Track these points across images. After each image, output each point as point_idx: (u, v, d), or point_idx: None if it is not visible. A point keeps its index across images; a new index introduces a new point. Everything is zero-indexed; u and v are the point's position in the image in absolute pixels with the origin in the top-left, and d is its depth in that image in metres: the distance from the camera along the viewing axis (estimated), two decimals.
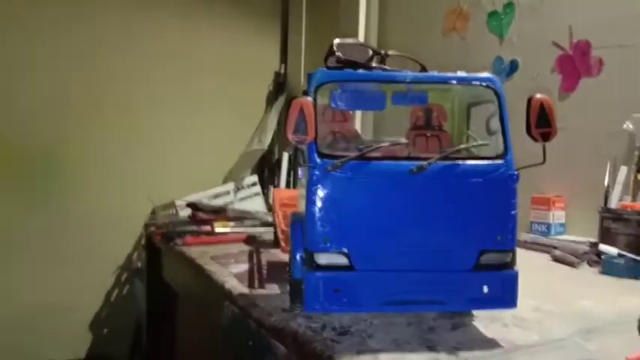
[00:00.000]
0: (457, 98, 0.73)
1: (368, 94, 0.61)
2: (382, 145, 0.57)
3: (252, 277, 0.86)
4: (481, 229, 0.57)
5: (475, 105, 0.71)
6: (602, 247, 0.95)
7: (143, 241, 1.78)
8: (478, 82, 0.61)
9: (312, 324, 0.62)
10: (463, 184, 0.58)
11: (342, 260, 0.56)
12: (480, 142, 0.59)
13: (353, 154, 0.57)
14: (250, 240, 1.19)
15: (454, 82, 0.61)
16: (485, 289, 0.58)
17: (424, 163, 0.56)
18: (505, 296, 0.58)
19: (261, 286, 0.81)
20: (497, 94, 0.61)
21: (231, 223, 1.28)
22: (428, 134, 0.74)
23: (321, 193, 0.56)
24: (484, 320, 0.65)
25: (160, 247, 1.31)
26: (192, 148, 2.04)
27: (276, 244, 1.14)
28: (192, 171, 1.97)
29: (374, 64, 0.63)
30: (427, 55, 0.65)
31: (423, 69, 0.69)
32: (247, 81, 2.18)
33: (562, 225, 1.19)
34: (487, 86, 0.61)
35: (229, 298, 0.80)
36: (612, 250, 0.94)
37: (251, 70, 2.20)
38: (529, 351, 0.57)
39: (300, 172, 0.62)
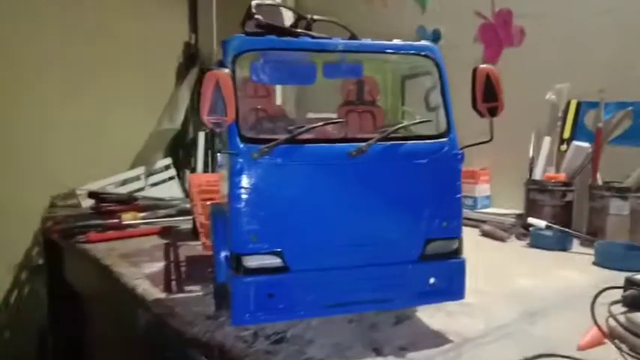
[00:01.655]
0: (390, 70, 0.67)
1: (296, 65, 0.53)
2: (316, 125, 0.49)
3: (168, 278, 0.76)
4: (426, 215, 0.52)
5: (410, 78, 0.65)
6: (531, 219, 0.95)
7: (41, 238, 1.58)
8: (416, 52, 0.55)
9: (242, 333, 0.54)
10: (406, 167, 0.51)
11: (275, 261, 0.48)
12: (422, 119, 0.53)
13: (282, 136, 0.48)
14: (165, 232, 1.07)
15: (390, 51, 0.54)
16: (432, 280, 0.53)
17: (363, 144, 0.49)
18: (452, 287, 0.54)
19: (180, 289, 0.71)
20: (437, 65, 0.55)
21: (143, 214, 1.16)
22: (360, 110, 0.67)
23: (246, 184, 0.47)
24: (428, 310, 0.60)
25: (59, 244, 1.15)
26: (95, 128, 1.83)
27: (195, 235, 1.03)
28: (95, 154, 1.77)
29: (299, 30, 0.54)
30: (347, 24, 0.57)
31: (353, 37, 0.62)
32: (155, 53, 1.98)
33: (488, 198, 1.19)
34: (426, 56, 0.55)
35: (142, 304, 0.69)
36: (540, 223, 0.94)
37: (158, 41, 2.00)
38: (478, 343, 0.53)
39: (219, 159, 0.53)
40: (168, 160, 1.67)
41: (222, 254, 0.53)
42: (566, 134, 1.03)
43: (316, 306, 0.50)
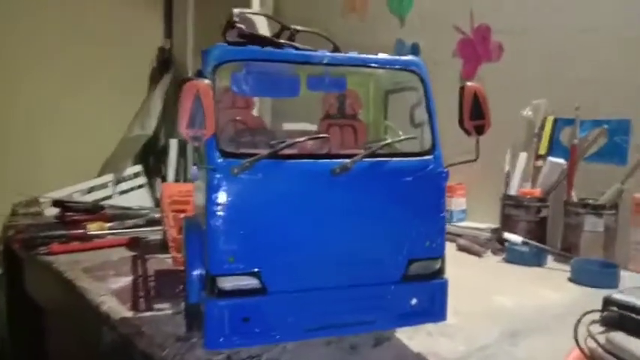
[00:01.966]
0: (373, 84, 0.65)
1: (279, 77, 0.51)
2: (299, 140, 0.47)
3: (136, 295, 0.72)
4: (410, 234, 0.50)
5: (393, 92, 0.63)
6: (507, 235, 0.95)
7: (1, 247, 1.51)
8: (402, 67, 0.54)
9: (215, 357, 0.51)
10: (391, 185, 0.50)
11: (252, 282, 0.46)
12: (407, 136, 0.52)
13: (263, 151, 0.46)
14: (134, 243, 1.03)
15: (376, 65, 0.53)
16: (414, 301, 0.51)
17: (348, 161, 0.47)
18: (434, 308, 0.52)
19: (149, 307, 0.67)
20: (422, 80, 0.54)
21: (110, 224, 1.11)
22: (341, 124, 0.66)
23: (224, 201, 0.45)
24: (407, 330, 0.58)
25: (20, 255, 1.09)
26: (62, 132, 1.76)
27: (165, 247, 0.99)
28: (62, 160, 1.71)
29: (283, 41, 0.52)
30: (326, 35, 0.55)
31: (336, 49, 0.60)
32: (127, 57, 1.93)
33: (463, 212, 1.19)
34: (412, 71, 0.54)
35: (108, 322, 0.66)
36: (517, 238, 0.93)
37: (132, 45, 1.95)
38: None
39: (193, 172, 0.50)
40: (138, 168, 1.62)
41: (196, 272, 0.50)
42: (542, 150, 1.04)
43: (294, 329, 0.48)
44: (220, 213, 0.45)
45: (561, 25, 1.02)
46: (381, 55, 0.53)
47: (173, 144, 1.68)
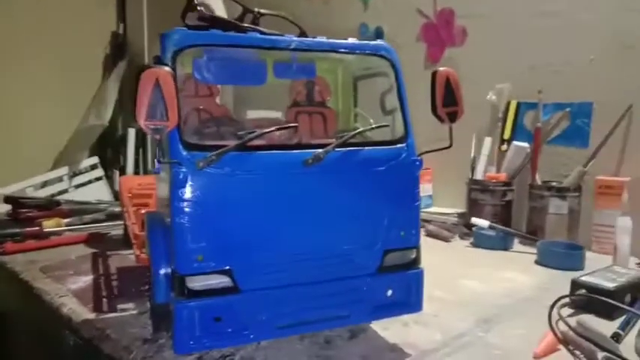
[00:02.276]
0: (342, 70, 0.63)
1: (244, 63, 0.48)
2: (269, 130, 0.45)
3: (98, 295, 0.69)
4: (384, 225, 0.49)
5: (363, 79, 0.62)
6: (474, 219, 0.95)
7: None
8: (372, 52, 0.52)
9: (186, 358, 0.49)
10: (363, 175, 0.48)
11: (223, 280, 0.44)
12: (380, 124, 0.50)
13: (230, 142, 0.43)
14: (93, 240, 0.98)
15: (345, 50, 0.51)
16: (389, 292, 0.50)
17: (320, 151, 0.45)
18: (410, 299, 0.51)
19: (112, 308, 0.64)
20: (393, 66, 0.52)
21: (67, 220, 1.05)
22: (310, 111, 0.64)
23: (190, 197, 0.42)
24: (382, 321, 0.57)
25: None
26: (10, 124, 1.67)
27: (126, 242, 0.95)
28: (11, 154, 1.62)
29: (247, 25, 0.49)
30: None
31: (303, 34, 0.57)
32: (78, 42, 1.83)
33: (430, 197, 1.19)
34: (382, 56, 0.52)
35: (69, 326, 0.62)
36: (483, 223, 0.94)
37: (82, 29, 1.85)
38: (437, 356, 0.51)
39: (157, 166, 0.47)
40: (94, 160, 1.55)
41: (162, 271, 0.47)
42: (507, 134, 1.04)
43: (268, 328, 0.46)
44: (187, 209, 0.42)
45: (523, 9, 1.03)
46: (350, 40, 0.51)
47: (131, 134, 1.62)
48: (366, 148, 0.48)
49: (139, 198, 0.90)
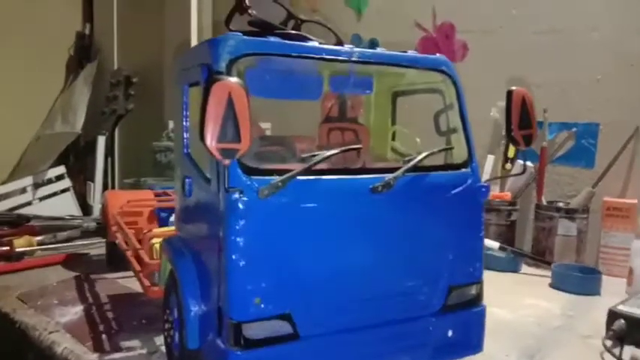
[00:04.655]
0: (378, 83, 0.58)
1: (301, 75, 0.43)
2: (334, 152, 0.39)
3: (95, 330, 0.61)
4: (449, 258, 0.44)
5: (404, 94, 0.57)
6: (485, 241, 0.92)
7: None
8: (431, 66, 0.47)
9: None
10: (429, 202, 0.43)
11: (284, 328, 0.38)
12: (445, 147, 0.46)
13: (294, 166, 0.38)
14: (71, 261, 0.89)
15: (407, 63, 0.46)
16: (450, 332, 0.46)
17: (390, 177, 0.40)
18: (471, 339, 0.47)
19: (115, 346, 0.56)
20: (454, 83, 0.48)
21: (38, 238, 0.95)
22: (343, 128, 0.59)
23: (250, 230, 0.36)
24: None
25: None
26: None
27: (110, 264, 0.87)
28: None
29: (304, 34, 0.44)
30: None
31: (339, 42, 0.52)
32: (38, 42, 1.70)
33: None
34: (442, 72, 0.48)
35: None
36: (493, 244, 0.91)
37: (43, 28, 1.72)
38: None
39: (188, 185, 0.41)
40: (61, 170, 1.43)
41: (194, 309, 0.41)
42: (511, 153, 1.02)
43: None
44: (245, 245, 0.36)
45: (528, 26, 1.02)
46: (410, 53, 0.47)
47: (101, 142, 1.51)
48: (432, 173, 0.44)
49: (127, 216, 0.81)
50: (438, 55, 0.48)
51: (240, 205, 0.35)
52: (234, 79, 0.32)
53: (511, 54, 1.04)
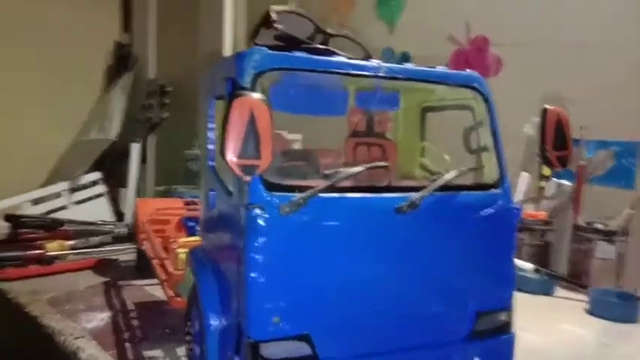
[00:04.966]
0: (406, 98, 0.57)
1: (326, 91, 0.42)
2: (360, 169, 0.38)
3: (119, 338, 0.61)
4: (478, 282, 0.43)
5: (433, 110, 0.56)
6: (517, 261, 0.89)
7: None
8: (462, 83, 0.46)
9: None
10: (457, 224, 0.42)
11: (302, 349, 0.37)
12: (474, 166, 0.44)
13: (315, 182, 0.37)
14: (101, 266, 0.90)
15: (437, 79, 0.45)
16: None
17: (416, 196, 0.39)
18: None
19: (138, 355, 0.56)
20: (486, 100, 0.46)
21: (71, 242, 0.97)
22: (370, 143, 0.58)
23: (270, 248, 0.35)
24: None
25: None
26: (6, 134, 1.57)
27: (138, 269, 0.88)
28: (4, 166, 1.52)
29: (330, 48, 0.43)
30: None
31: (367, 56, 0.51)
32: (79, 53, 1.75)
33: None
34: (474, 89, 0.46)
35: None
36: (527, 265, 0.88)
37: (83, 38, 1.76)
38: None
39: (211, 197, 0.41)
40: (96, 175, 1.46)
41: (214, 323, 0.41)
42: (547, 171, 0.99)
43: None
44: (265, 262, 0.35)
45: (566, 39, 0.99)
46: (440, 68, 0.46)
47: (135, 149, 1.54)
48: (461, 192, 0.42)
49: (156, 224, 0.82)
50: (469, 71, 0.47)
51: (261, 222, 0.35)
52: (256, 95, 0.32)
53: (546, 68, 1.01)
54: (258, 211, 0.35)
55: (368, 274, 0.38)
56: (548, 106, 0.42)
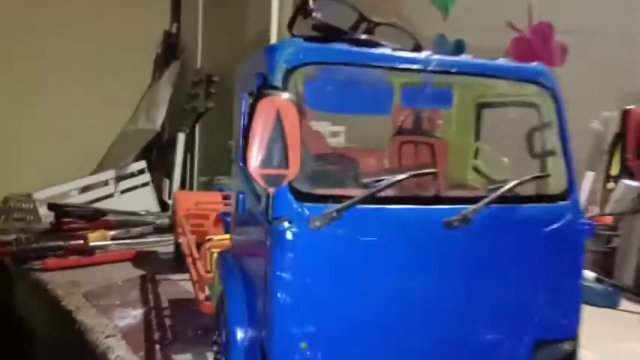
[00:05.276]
0: (460, 93, 0.51)
1: (368, 86, 0.37)
2: (403, 177, 0.33)
3: (150, 339, 0.59)
4: (538, 308, 0.37)
5: (491, 106, 0.50)
6: None
7: None
8: (526, 77, 0.40)
9: None
10: (516, 242, 0.36)
11: None
12: (539, 174, 0.38)
13: (354, 190, 0.32)
14: (141, 258, 0.90)
15: (497, 74, 0.39)
16: None
17: (468, 210, 0.34)
18: None
19: (166, 358, 0.54)
20: (555, 97, 0.40)
21: (112, 232, 0.97)
22: (417, 142, 0.52)
23: (298, 266, 0.31)
24: None
25: (9, 268, 0.95)
26: (55, 123, 1.61)
27: (177, 264, 0.86)
28: (56, 155, 1.55)
29: (375, 39, 0.38)
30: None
31: (418, 47, 0.46)
32: (129, 42, 1.76)
33: None
34: (540, 84, 0.40)
35: None
36: (589, 274, 0.80)
37: (133, 28, 1.78)
38: None
39: (241, 200, 0.37)
40: (142, 164, 1.47)
41: (241, 335, 0.37)
42: (614, 171, 0.90)
43: None
44: (293, 282, 0.31)
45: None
46: (501, 61, 0.40)
47: (180, 139, 1.54)
48: (522, 205, 0.36)
49: (194, 218, 0.80)
50: (534, 63, 0.41)
51: (289, 236, 0.31)
52: (285, 95, 0.27)
53: (620, 58, 0.91)
54: (286, 224, 0.31)
55: (411, 298, 0.34)
56: (631, 107, 0.36)
